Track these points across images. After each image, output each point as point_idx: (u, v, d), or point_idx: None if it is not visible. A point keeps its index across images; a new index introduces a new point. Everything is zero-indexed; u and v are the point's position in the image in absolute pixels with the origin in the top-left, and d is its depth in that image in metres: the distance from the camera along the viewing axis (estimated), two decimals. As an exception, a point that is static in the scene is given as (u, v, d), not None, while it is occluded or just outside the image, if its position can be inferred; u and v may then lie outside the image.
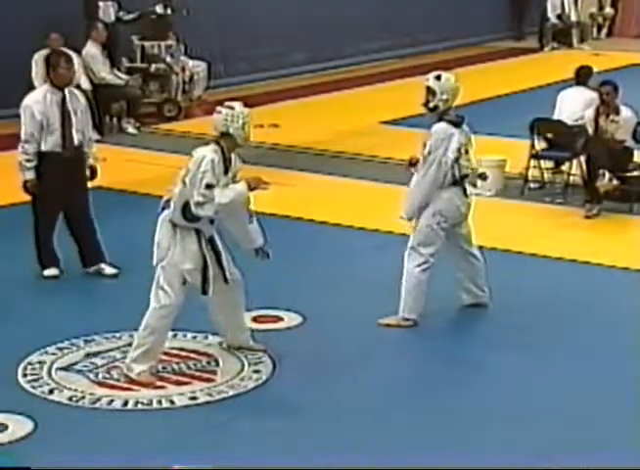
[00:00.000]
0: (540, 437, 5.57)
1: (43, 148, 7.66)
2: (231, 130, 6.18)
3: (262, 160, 11.39)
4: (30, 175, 7.68)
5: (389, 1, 18.32)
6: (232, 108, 6.23)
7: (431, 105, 6.89)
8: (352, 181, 10.63)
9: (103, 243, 7.96)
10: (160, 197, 6.38)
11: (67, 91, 7.72)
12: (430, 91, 6.88)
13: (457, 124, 6.91)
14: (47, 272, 7.81)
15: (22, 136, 7.67)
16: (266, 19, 16.11)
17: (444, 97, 6.85)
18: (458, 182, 6.94)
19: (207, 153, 6.13)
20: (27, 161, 7.65)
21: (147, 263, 6.72)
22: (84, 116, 7.81)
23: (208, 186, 6.03)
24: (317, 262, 8.25)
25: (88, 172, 7.90)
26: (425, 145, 6.91)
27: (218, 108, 6.25)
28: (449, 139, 6.83)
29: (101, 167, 8.16)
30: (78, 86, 12.26)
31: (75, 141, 7.70)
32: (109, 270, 7.88)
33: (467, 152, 6.96)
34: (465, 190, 7.00)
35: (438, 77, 6.90)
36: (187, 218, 6.16)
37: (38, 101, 7.66)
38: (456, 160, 6.86)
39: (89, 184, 7.99)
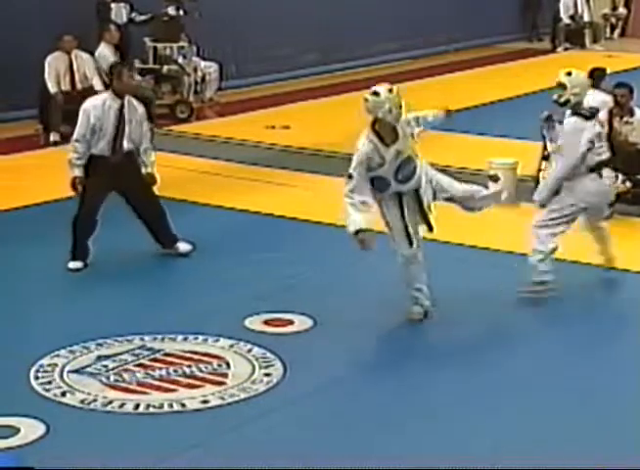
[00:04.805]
0: (554, 436, 5.57)
1: (93, 151, 7.97)
2: (380, 115, 6.80)
3: (274, 161, 11.41)
4: (79, 173, 7.98)
5: (401, 2, 18.31)
6: (377, 94, 6.84)
7: (562, 99, 7.41)
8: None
9: (119, 244, 8.12)
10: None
11: (126, 100, 7.99)
12: (561, 86, 7.41)
13: (588, 117, 7.34)
14: (72, 265, 7.98)
15: (75, 135, 8.00)
16: (278, 20, 16.13)
17: (575, 90, 7.36)
18: (594, 170, 7.37)
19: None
20: (77, 158, 7.98)
21: (157, 266, 6.76)
22: (139, 125, 8.07)
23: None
24: (328, 265, 8.24)
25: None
26: (551, 139, 7.56)
27: (365, 95, 6.88)
28: (581, 133, 7.28)
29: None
30: (92, 88, 12.38)
31: (125, 148, 7.99)
32: (183, 247, 8.18)
33: (600, 140, 7.45)
34: (601, 176, 7.43)
35: (569, 73, 7.46)
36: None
37: (96, 106, 7.99)
38: (588, 150, 7.30)
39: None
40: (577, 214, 7.55)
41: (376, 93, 6.84)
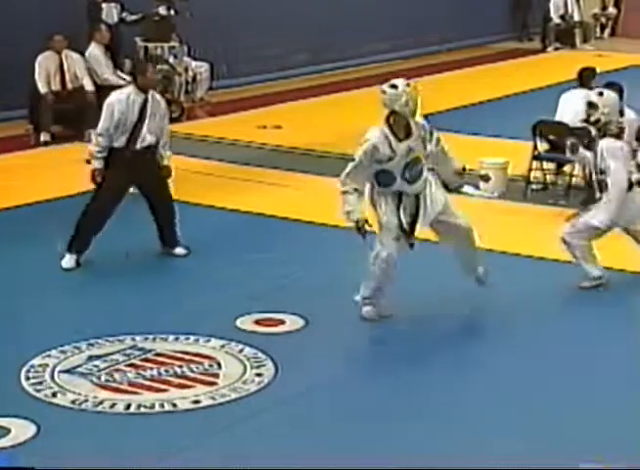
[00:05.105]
0: (548, 434, 5.59)
1: (115, 144, 8.02)
2: (397, 107, 6.78)
3: (265, 161, 11.41)
4: (99, 165, 8.07)
5: (393, 2, 18.33)
6: (395, 87, 6.81)
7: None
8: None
9: (111, 244, 8.12)
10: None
11: (150, 94, 8.08)
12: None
13: (620, 136, 7.55)
14: (65, 264, 7.94)
15: (98, 129, 8.07)
16: (269, 20, 16.13)
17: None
18: (630, 187, 7.52)
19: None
20: (99, 152, 8.06)
21: (149, 266, 6.74)
22: (161, 120, 8.19)
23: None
24: (320, 265, 8.24)
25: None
26: (589, 164, 7.65)
27: (382, 88, 6.85)
28: (622, 151, 7.46)
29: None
30: (82, 88, 12.37)
31: (146, 142, 8.06)
32: (178, 251, 8.25)
33: (632, 158, 7.72)
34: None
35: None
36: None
37: (121, 101, 8.03)
38: None
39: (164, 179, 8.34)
40: (611, 229, 7.66)
41: (394, 86, 6.83)
